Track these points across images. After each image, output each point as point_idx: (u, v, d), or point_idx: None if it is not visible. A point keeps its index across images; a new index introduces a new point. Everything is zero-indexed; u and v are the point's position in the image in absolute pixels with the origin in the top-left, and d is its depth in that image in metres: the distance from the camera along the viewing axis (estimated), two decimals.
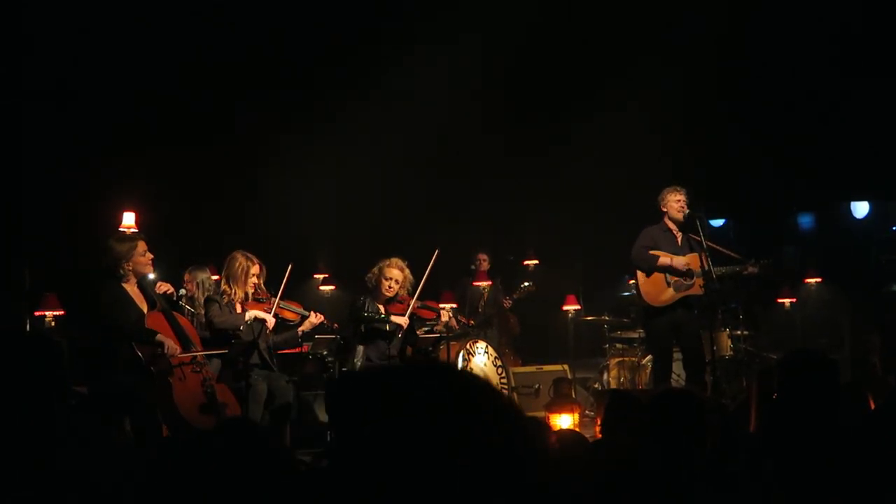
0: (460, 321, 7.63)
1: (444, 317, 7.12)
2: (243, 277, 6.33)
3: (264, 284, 6.54)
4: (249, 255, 6.43)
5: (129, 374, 5.25)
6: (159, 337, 5.38)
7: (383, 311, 7.02)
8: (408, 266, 7.10)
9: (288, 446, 5.88)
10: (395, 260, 7.07)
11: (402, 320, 6.92)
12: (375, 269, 7.07)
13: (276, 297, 6.37)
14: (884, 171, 10.37)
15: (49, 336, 5.84)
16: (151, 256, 5.55)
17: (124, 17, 8.61)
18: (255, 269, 6.38)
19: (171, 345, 5.38)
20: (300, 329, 6.62)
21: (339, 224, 10.13)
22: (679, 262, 7.39)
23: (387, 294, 7.01)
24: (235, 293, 6.32)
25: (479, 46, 9.39)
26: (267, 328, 6.34)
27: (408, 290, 7.09)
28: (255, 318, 6.35)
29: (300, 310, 6.62)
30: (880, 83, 9.49)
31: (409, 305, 6.97)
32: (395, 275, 6.99)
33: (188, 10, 8.76)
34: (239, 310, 6.35)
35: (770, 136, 10.29)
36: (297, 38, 9.40)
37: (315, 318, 6.56)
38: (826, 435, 3.24)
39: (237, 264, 6.36)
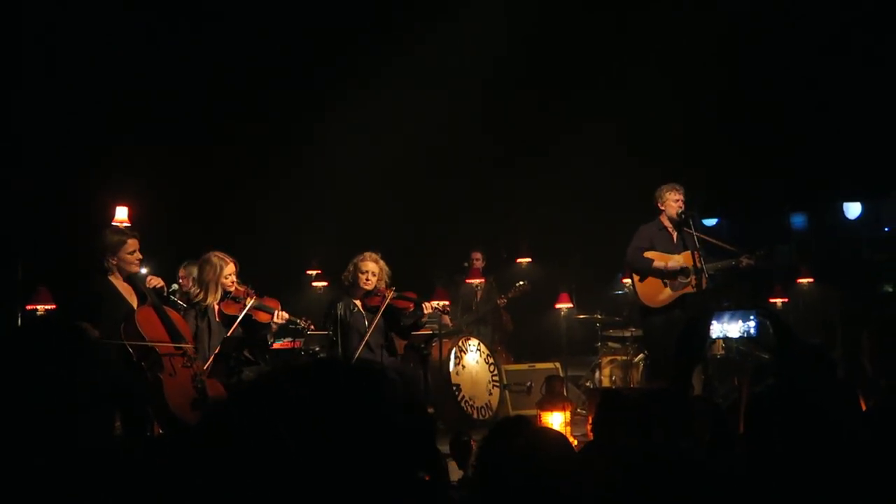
0: (444, 310, 7.69)
1: (427, 308, 7.14)
2: (215, 280, 6.22)
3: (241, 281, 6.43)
4: (223, 255, 6.32)
5: (120, 369, 5.23)
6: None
7: (360, 305, 7.10)
8: (381, 258, 7.17)
9: None
10: (368, 254, 7.15)
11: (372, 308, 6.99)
12: (350, 266, 7.16)
13: (251, 296, 6.26)
14: (875, 171, 10.40)
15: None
16: (140, 257, 5.47)
17: (125, 11, 8.60)
18: (228, 269, 6.26)
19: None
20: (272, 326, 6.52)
21: (332, 222, 10.12)
22: (673, 265, 7.36)
23: (365, 287, 7.07)
24: (207, 297, 6.21)
25: (479, 45, 9.38)
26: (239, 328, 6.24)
27: (385, 282, 7.14)
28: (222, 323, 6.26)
29: (272, 307, 6.44)
30: (873, 83, 9.51)
31: (385, 297, 7.02)
32: (370, 267, 7.06)
33: (188, 5, 8.76)
34: (216, 310, 6.29)
35: (763, 138, 10.30)
36: (293, 37, 9.41)
37: (278, 318, 6.41)
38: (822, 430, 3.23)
39: (209, 267, 6.24)
